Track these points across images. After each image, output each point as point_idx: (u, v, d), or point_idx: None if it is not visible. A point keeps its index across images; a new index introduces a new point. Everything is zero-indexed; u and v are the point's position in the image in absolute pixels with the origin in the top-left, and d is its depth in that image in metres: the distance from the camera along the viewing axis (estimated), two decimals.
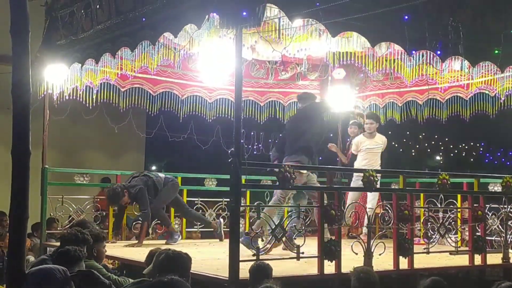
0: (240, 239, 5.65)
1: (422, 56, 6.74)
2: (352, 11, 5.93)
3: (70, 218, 8.76)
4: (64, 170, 9.37)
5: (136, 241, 8.43)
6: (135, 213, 9.07)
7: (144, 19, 6.48)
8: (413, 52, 6.62)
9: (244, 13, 5.39)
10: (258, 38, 7.27)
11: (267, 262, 5.27)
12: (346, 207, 7.21)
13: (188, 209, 9.16)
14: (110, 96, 8.83)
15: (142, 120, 12.57)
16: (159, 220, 9.04)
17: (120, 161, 13.60)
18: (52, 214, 8.84)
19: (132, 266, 6.14)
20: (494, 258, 7.43)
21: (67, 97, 8.38)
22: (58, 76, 8.23)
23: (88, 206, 9.03)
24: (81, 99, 8.48)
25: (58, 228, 8.80)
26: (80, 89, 8.32)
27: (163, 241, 8.82)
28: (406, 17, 6.34)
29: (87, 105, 8.55)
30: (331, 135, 11.31)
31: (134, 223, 9.01)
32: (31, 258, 7.27)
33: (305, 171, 7.35)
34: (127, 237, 9.10)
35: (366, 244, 6.21)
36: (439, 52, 6.62)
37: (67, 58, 7.91)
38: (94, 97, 8.55)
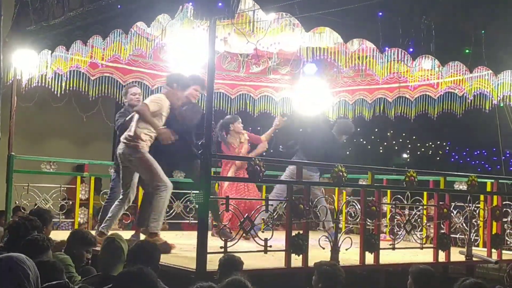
0: None
1: (394, 53, 6.80)
2: (326, 6, 5.95)
3: (36, 207, 8.64)
4: (31, 158, 9.23)
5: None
6: (102, 203, 8.96)
7: (120, 7, 6.41)
8: (386, 49, 6.67)
9: (220, 4, 5.37)
10: (231, 31, 7.24)
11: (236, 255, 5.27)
12: None
13: None
14: (79, 84, 8.70)
15: (111, 109, 12.44)
16: None
17: (88, 150, 13.48)
18: (17, 202, 8.73)
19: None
20: (458, 255, 7.55)
21: (35, 84, 8.25)
22: (27, 62, 8.11)
23: (54, 195, 8.93)
24: (50, 87, 8.35)
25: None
26: (49, 76, 8.20)
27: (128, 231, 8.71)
28: (380, 14, 6.38)
29: (56, 92, 8.42)
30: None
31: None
32: None
33: None
34: (92, 227, 9.00)
35: (333, 238, 6.25)
36: (411, 50, 6.67)
37: (37, 44, 7.80)
38: (63, 84, 8.43)
